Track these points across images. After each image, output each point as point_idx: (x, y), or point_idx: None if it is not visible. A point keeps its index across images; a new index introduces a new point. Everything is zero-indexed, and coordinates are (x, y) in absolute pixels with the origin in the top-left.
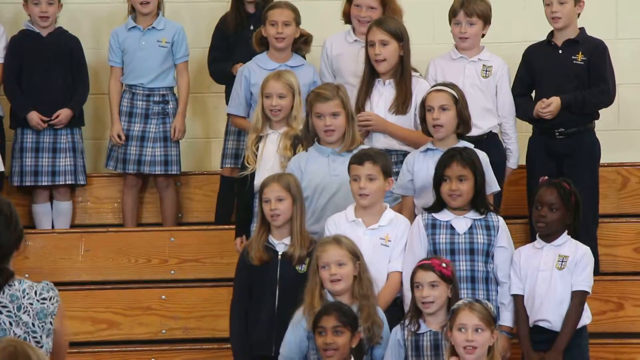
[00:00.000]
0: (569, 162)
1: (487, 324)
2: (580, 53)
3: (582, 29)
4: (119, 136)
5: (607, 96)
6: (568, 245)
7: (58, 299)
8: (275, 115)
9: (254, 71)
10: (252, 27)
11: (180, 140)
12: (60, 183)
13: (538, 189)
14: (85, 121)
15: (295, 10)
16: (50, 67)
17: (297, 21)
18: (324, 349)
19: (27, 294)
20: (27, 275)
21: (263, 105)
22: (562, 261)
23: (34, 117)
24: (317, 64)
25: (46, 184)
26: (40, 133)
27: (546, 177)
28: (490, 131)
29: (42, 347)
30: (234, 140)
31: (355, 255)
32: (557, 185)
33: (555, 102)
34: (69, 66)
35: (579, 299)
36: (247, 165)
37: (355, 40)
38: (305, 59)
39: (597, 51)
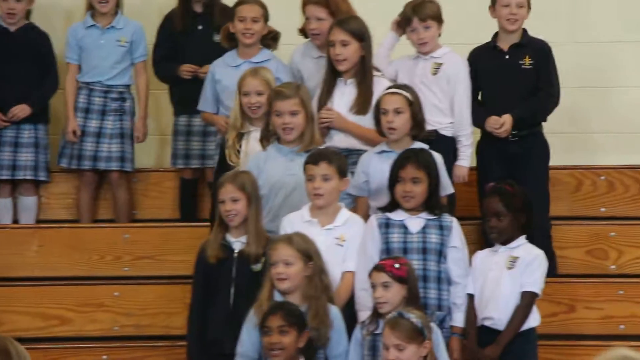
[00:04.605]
0: (520, 163)
1: (409, 340)
2: (527, 57)
3: (524, 30)
4: (74, 133)
5: (555, 100)
6: (522, 248)
7: None
8: (255, 112)
9: (219, 67)
10: (200, 27)
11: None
12: (20, 177)
13: (484, 198)
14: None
15: (263, 7)
16: (18, 63)
17: (266, 17)
18: (270, 349)
19: None
20: None
21: (241, 103)
22: (513, 261)
23: None
24: (283, 59)
25: (6, 177)
26: (3, 127)
27: (491, 184)
28: (437, 131)
29: None
30: (184, 140)
31: (307, 256)
32: (500, 191)
33: (507, 120)
34: (37, 62)
35: (527, 299)
36: (231, 163)
37: (320, 57)
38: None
39: (542, 53)
